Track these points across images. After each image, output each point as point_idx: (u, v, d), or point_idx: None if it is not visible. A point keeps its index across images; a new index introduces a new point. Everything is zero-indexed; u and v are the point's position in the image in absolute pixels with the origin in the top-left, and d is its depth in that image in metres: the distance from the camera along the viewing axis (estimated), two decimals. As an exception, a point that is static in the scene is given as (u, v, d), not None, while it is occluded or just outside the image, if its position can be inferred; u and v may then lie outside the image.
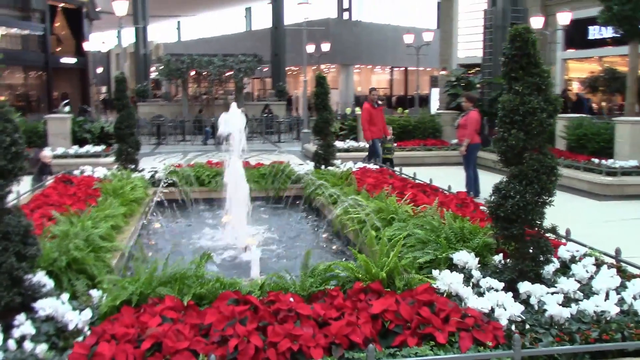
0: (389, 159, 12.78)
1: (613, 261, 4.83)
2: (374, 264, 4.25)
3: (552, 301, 3.75)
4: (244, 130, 7.74)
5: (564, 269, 4.65)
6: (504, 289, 4.04)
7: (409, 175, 9.27)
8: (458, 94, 18.74)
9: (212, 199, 9.15)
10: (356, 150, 15.78)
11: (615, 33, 15.91)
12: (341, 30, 42.41)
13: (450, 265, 4.62)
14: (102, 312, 3.68)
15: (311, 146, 17.34)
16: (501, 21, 17.62)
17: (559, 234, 4.62)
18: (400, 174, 9.62)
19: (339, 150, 13.34)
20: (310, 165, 10.54)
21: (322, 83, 10.43)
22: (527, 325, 3.62)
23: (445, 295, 3.99)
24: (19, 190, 5.57)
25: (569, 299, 3.99)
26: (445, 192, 7.73)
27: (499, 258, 4.63)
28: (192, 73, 27.55)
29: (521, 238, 4.22)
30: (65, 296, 3.77)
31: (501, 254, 4.65)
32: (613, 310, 3.67)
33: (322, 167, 10.20)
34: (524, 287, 4.00)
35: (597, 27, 22.90)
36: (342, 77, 44.24)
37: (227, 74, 27.11)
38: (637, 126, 12.10)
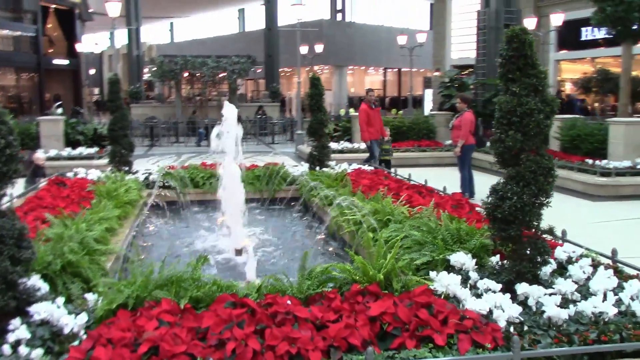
0: (387, 160, 12.77)
1: (609, 262, 4.83)
2: (371, 266, 4.23)
3: (550, 302, 3.75)
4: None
5: (561, 270, 4.66)
6: (502, 291, 4.03)
7: (404, 177, 9.27)
8: (452, 95, 18.76)
9: (206, 200, 9.12)
10: (351, 151, 15.76)
11: (609, 34, 15.97)
12: (334, 32, 42.45)
13: (447, 267, 4.61)
14: (98, 315, 3.64)
15: (305, 147, 17.32)
16: (494, 22, 17.64)
17: (556, 235, 4.61)
18: (395, 175, 9.62)
19: (334, 152, 13.32)
20: (304, 167, 10.52)
21: (316, 84, 10.41)
22: (526, 327, 3.61)
23: (443, 297, 3.98)
24: (12, 192, 5.53)
25: (567, 300, 3.99)
26: (441, 193, 7.72)
27: (496, 259, 4.61)
28: (186, 74, 27.48)
29: (518, 239, 4.21)
30: (60, 300, 3.74)
31: (498, 255, 4.65)
32: (611, 311, 3.66)
33: (317, 168, 10.18)
34: (521, 288, 3.99)
35: (589, 28, 23.05)
36: (336, 78, 44.26)
37: (221, 75, 27.05)
38: (630, 127, 12.16)
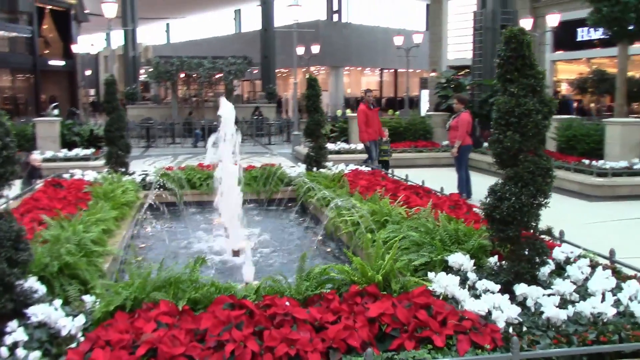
0: (385, 161, 12.76)
1: (607, 262, 4.83)
2: (370, 267, 4.22)
3: (549, 303, 3.74)
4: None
5: (559, 271, 4.65)
6: (500, 291, 4.02)
7: (401, 177, 9.27)
8: (448, 96, 18.76)
9: (204, 201, 9.10)
10: (347, 152, 15.75)
11: (605, 35, 16.00)
12: (331, 32, 42.45)
13: (446, 268, 4.60)
14: (95, 317, 3.62)
15: (302, 148, 17.31)
16: (491, 23, 17.66)
17: (554, 236, 4.61)
18: (392, 176, 9.62)
19: (330, 153, 13.31)
20: (301, 168, 10.51)
21: (313, 85, 10.40)
22: (524, 328, 3.60)
23: (442, 298, 3.97)
24: (8, 194, 5.50)
25: (565, 300, 3.98)
26: (438, 193, 7.73)
27: (494, 260, 4.61)
28: (182, 75, 27.45)
29: (517, 240, 4.21)
30: (57, 302, 3.71)
31: (496, 256, 4.64)
32: (610, 311, 3.66)
33: (314, 169, 10.17)
34: (520, 289, 3.99)
35: (585, 28, 23.10)
36: (332, 79, 44.27)
37: (217, 76, 27.04)
38: (627, 127, 12.18)
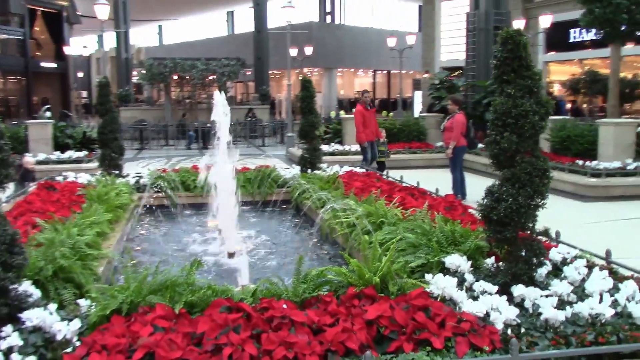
0: (382, 162, 12.74)
1: (604, 263, 4.83)
2: (367, 269, 4.21)
3: (547, 304, 3.74)
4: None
5: (556, 271, 4.65)
6: (498, 293, 4.01)
7: (395, 178, 9.26)
8: (442, 97, 18.79)
9: (198, 204, 9.07)
10: (342, 153, 15.72)
11: (597, 36, 16.06)
12: (324, 34, 42.45)
13: (442, 269, 4.59)
14: (91, 321, 3.59)
15: (296, 150, 17.28)
16: (484, 24, 17.69)
17: (550, 237, 4.61)
18: (387, 178, 9.61)
19: (324, 154, 13.29)
20: (296, 169, 10.49)
21: (307, 87, 10.39)
22: (523, 329, 3.59)
23: (439, 300, 3.96)
24: (1, 197, 5.46)
25: (563, 301, 3.98)
26: (433, 195, 7.72)
27: (491, 261, 4.61)
28: (175, 77, 27.37)
29: (514, 241, 4.21)
30: (52, 306, 3.68)
31: (493, 257, 4.64)
32: (608, 312, 3.66)
33: (309, 171, 10.16)
34: (518, 290, 3.99)
35: (577, 29, 23.20)
36: (325, 80, 44.26)
37: (210, 77, 26.98)
38: (620, 128, 12.22)
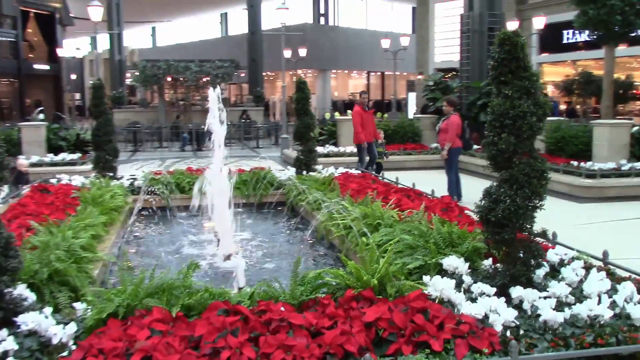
0: (379, 163, 12.73)
1: (601, 264, 4.83)
2: (365, 271, 4.18)
3: (546, 306, 3.72)
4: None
5: (553, 273, 4.64)
6: (496, 294, 4.00)
7: (391, 180, 9.25)
8: (437, 98, 18.81)
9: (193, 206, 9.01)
10: (337, 155, 15.70)
11: (591, 37, 16.11)
12: (318, 35, 42.46)
13: (440, 271, 4.58)
14: (88, 325, 3.55)
15: (290, 152, 17.25)
16: (478, 26, 17.72)
17: (548, 238, 4.60)
18: (382, 179, 9.60)
19: (319, 156, 13.26)
20: (291, 171, 10.46)
21: (302, 88, 10.38)
22: (522, 331, 3.58)
23: (437, 302, 3.94)
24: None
25: (561, 303, 3.97)
26: (429, 196, 7.71)
27: (489, 263, 4.59)
28: (169, 79, 27.31)
29: (512, 242, 4.19)
30: (48, 310, 3.64)
31: (491, 259, 4.63)
32: (607, 314, 3.65)
33: (304, 172, 10.13)
34: (516, 292, 3.97)
35: (571, 31, 23.29)
36: (320, 82, 44.26)
37: (204, 79, 26.93)
38: (614, 129, 12.26)
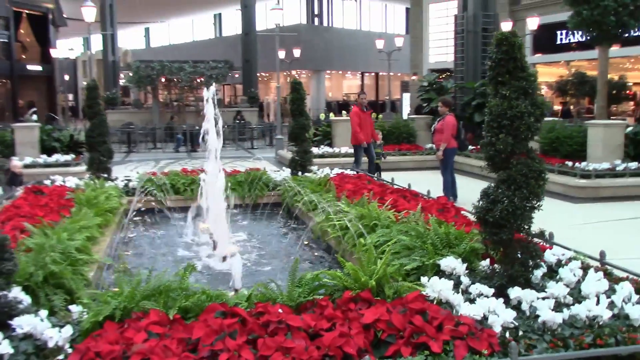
0: (377, 164, 12.71)
1: (598, 264, 4.82)
2: (363, 272, 4.17)
3: (544, 306, 3.71)
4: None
5: (551, 273, 4.63)
6: (494, 295, 3.99)
7: (387, 181, 9.24)
8: (431, 99, 18.83)
9: (188, 207, 8.97)
10: (331, 155, 15.68)
11: (585, 38, 16.16)
12: (312, 36, 42.46)
13: (438, 272, 4.56)
14: (84, 328, 3.51)
15: (285, 152, 17.23)
16: (472, 26, 17.75)
17: (545, 238, 4.60)
18: (377, 179, 9.59)
19: (314, 157, 13.23)
20: (286, 172, 10.43)
21: (297, 89, 10.35)
22: (521, 332, 3.57)
23: (435, 303, 3.92)
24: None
25: (559, 303, 3.96)
26: (425, 197, 7.70)
27: (486, 263, 4.58)
28: (163, 80, 27.23)
29: (510, 243, 4.18)
30: (43, 312, 3.60)
31: (488, 259, 4.62)
32: (605, 314, 3.64)
33: (299, 173, 10.11)
34: (514, 292, 3.96)
35: (564, 31, 23.35)
36: (314, 82, 44.28)
37: (198, 80, 26.87)
38: (609, 129, 12.29)
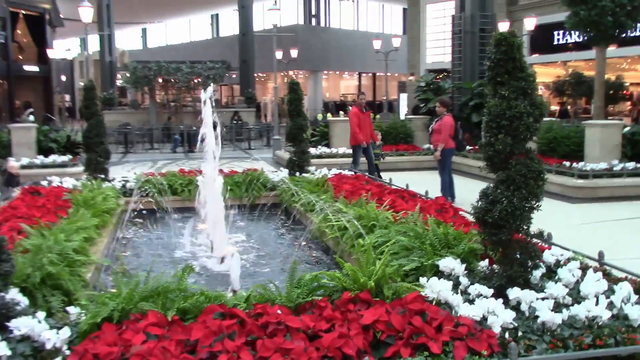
0: (376, 165, 12.70)
1: (597, 265, 4.82)
2: (361, 273, 4.15)
3: (544, 307, 3.70)
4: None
5: (550, 274, 4.62)
6: (494, 296, 3.98)
7: (385, 181, 9.23)
8: (429, 99, 18.83)
9: (186, 208, 8.96)
10: (329, 156, 15.67)
11: (582, 38, 16.17)
12: (309, 37, 42.45)
13: (437, 272, 4.55)
14: (82, 330, 3.49)
15: (283, 153, 17.21)
16: (470, 27, 17.75)
17: (544, 239, 4.59)
18: (375, 180, 9.58)
19: (312, 157, 13.21)
20: (284, 173, 10.41)
21: (295, 89, 10.34)
22: (520, 332, 3.56)
23: (434, 304, 3.91)
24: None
25: (559, 304, 3.95)
26: (423, 197, 7.69)
27: (485, 264, 4.58)
28: (160, 80, 27.18)
29: (509, 244, 4.17)
30: (41, 314, 3.58)
31: (487, 260, 4.61)
32: (605, 315, 3.64)
33: (297, 174, 10.09)
34: (513, 293, 3.95)
35: (562, 32, 23.39)
36: (311, 83, 44.25)
37: (196, 80, 26.83)
38: (606, 129, 12.31)
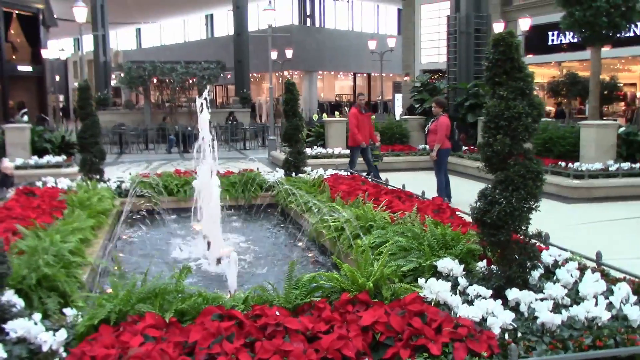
0: (375, 166, 12.70)
1: (595, 265, 4.82)
2: (360, 274, 4.14)
3: (543, 308, 3.69)
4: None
5: (548, 274, 4.63)
6: (492, 297, 3.97)
7: (381, 181, 9.22)
8: (424, 100, 18.84)
9: (181, 208, 8.93)
10: (325, 156, 15.64)
11: (576, 39, 16.22)
12: (304, 37, 42.44)
13: (435, 273, 4.54)
14: (79, 332, 3.46)
15: (278, 153, 17.20)
16: (465, 27, 17.78)
17: (542, 239, 4.59)
18: (372, 180, 9.57)
19: (307, 157, 13.18)
20: (280, 173, 10.39)
21: (291, 89, 10.33)
22: (519, 333, 3.55)
23: (433, 304, 3.90)
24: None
25: (557, 305, 3.95)
26: (420, 198, 7.69)
27: (483, 264, 4.57)
28: (155, 80, 27.10)
29: (508, 244, 4.17)
30: (37, 316, 3.55)
31: (485, 260, 4.60)
32: (604, 315, 3.63)
33: (293, 174, 10.07)
34: (512, 294, 3.94)
35: (556, 32, 23.45)
36: (306, 83, 44.25)
37: (190, 81, 26.77)
38: (601, 129, 12.33)
